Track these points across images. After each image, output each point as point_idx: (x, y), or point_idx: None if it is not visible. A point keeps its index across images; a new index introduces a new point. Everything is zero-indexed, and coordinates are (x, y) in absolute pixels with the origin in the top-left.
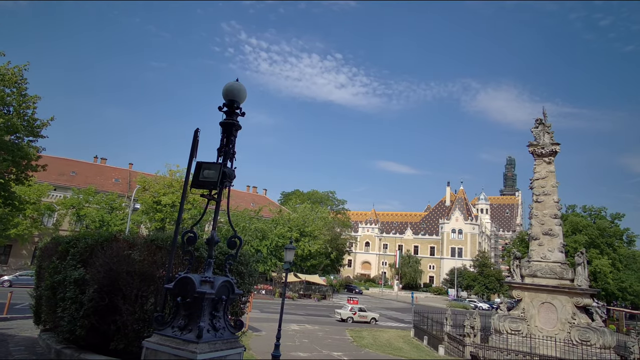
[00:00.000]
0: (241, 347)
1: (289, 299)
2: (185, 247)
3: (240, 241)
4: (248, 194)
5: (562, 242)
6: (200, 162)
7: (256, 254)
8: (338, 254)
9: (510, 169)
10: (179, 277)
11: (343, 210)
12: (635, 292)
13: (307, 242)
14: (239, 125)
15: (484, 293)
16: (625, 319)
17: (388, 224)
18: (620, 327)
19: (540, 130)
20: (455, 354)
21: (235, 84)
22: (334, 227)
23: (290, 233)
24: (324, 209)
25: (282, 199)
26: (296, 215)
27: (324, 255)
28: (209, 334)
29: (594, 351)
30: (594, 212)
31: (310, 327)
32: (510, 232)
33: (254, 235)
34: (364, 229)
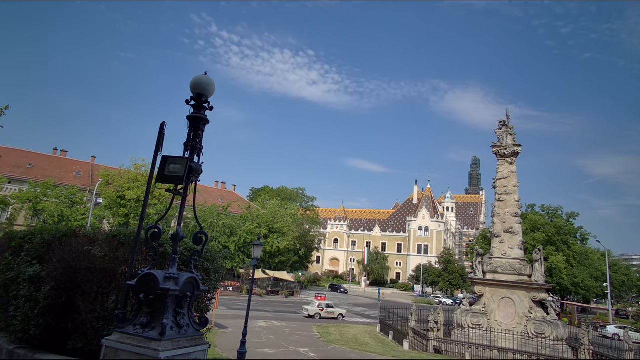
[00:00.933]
0: (206, 344)
1: (256, 296)
2: (149, 243)
3: (207, 237)
4: (216, 190)
5: (522, 239)
6: (165, 156)
7: (224, 250)
8: (307, 251)
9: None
10: (142, 274)
11: (312, 207)
12: (587, 287)
13: (276, 238)
14: (206, 120)
15: (448, 289)
16: (577, 312)
17: (357, 221)
18: (573, 320)
19: (504, 132)
20: (420, 348)
21: (204, 77)
22: (303, 224)
23: (259, 229)
24: (294, 206)
25: (252, 195)
26: (265, 212)
27: (292, 252)
28: (172, 332)
29: (548, 343)
30: (552, 211)
31: (278, 324)
32: (474, 230)
33: (222, 232)
34: (333, 226)
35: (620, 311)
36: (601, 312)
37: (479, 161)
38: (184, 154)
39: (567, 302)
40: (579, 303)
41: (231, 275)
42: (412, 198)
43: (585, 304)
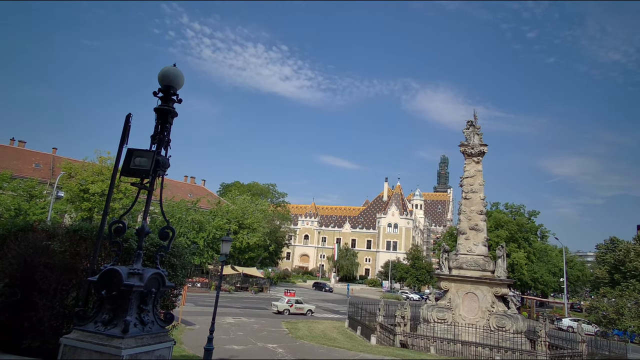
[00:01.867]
0: (171, 341)
1: (225, 292)
2: (112, 238)
3: (173, 232)
4: (185, 185)
5: (486, 236)
6: (131, 149)
7: (192, 246)
8: (277, 247)
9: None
10: (104, 269)
11: (283, 203)
12: (545, 282)
13: (246, 234)
14: (175, 112)
15: (415, 284)
16: (535, 306)
17: (327, 218)
18: (532, 313)
19: (471, 132)
20: (387, 342)
21: (172, 69)
22: (273, 220)
23: (228, 225)
24: (264, 202)
25: (222, 190)
26: (235, 207)
27: (262, 247)
28: (136, 329)
29: (509, 336)
30: (515, 209)
31: (246, 320)
32: (442, 227)
33: (190, 227)
34: (304, 222)
35: (575, 305)
36: (557, 306)
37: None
38: (151, 147)
39: (526, 297)
40: (537, 297)
41: (199, 272)
42: (382, 195)
43: (544, 298)
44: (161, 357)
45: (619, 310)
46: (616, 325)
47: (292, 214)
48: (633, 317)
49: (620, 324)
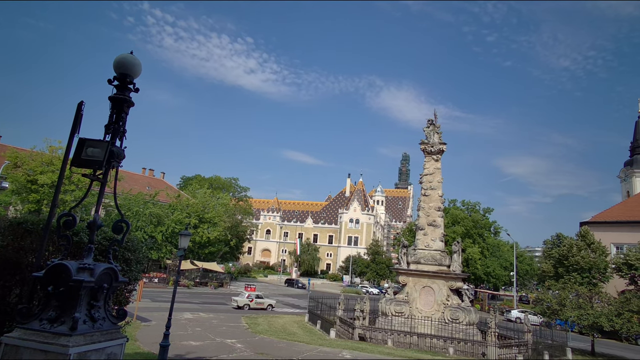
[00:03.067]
0: (123, 337)
1: (183, 287)
2: (61, 232)
3: (128, 226)
4: (144, 177)
5: (443, 232)
6: (83, 139)
7: (149, 240)
8: (238, 242)
9: (405, 164)
10: (51, 265)
11: (245, 198)
12: (497, 276)
13: (206, 228)
14: (131, 102)
15: (375, 279)
16: (488, 299)
17: (290, 213)
18: (484, 306)
19: (431, 130)
20: (346, 336)
21: (129, 56)
22: (235, 214)
23: (188, 219)
24: (226, 196)
25: (182, 183)
26: (196, 201)
27: (223, 242)
28: (85, 326)
29: (462, 327)
30: (471, 206)
31: (205, 315)
32: (402, 223)
33: (148, 221)
34: (266, 217)
35: (523, 297)
36: (507, 298)
37: (409, 157)
38: (105, 137)
39: (480, 290)
40: (489, 290)
41: (157, 267)
42: (345, 191)
43: (495, 291)
44: (112, 355)
45: (562, 302)
46: (559, 315)
47: (254, 208)
48: (573, 307)
49: (562, 314)
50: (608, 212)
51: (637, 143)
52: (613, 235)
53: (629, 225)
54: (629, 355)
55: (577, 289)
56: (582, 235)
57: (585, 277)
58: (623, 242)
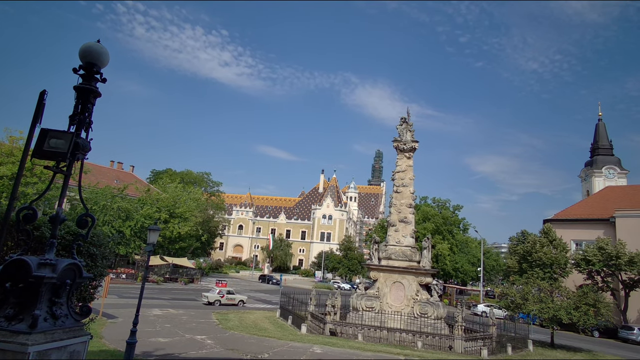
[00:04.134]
0: (87, 335)
1: (152, 283)
2: (20, 226)
3: (93, 220)
4: (112, 170)
5: (414, 228)
6: (45, 129)
7: (117, 235)
8: (210, 237)
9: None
10: (9, 260)
11: (218, 193)
12: (465, 272)
13: (177, 223)
14: (97, 92)
15: (347, 275)
16: (456, 294)
17: (263, 208)
18: (452, 301)
19: (404, 128)
20: (317, 331)
21: (96, 45)
22: (207, 209)
23: (158, 214)
24: (197, 190)
25: (152, 177)
26: (166, 195)
27: (194, 237)
28: (46, 323)
29: (430, 322)
30: (441, 203)
31: (174, 312)
32: (374, 219)
33: (116, 215)
34: (238, 212)
35: (489, 292)
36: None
37: (382, 154)
38: (69, 128)
39: (448, 285)
40: (458, 285)
41: (125, 262)
42: (318, 187)
43: (463, 286)
44: (75, 353)
45: (525, 296)
46: (522, 309)
47: (227, 203)
48: (535, 301)
49: (525, 308)
50: (569, 210)
51: (597, 145)
52: (573, 232)
53: (587, 223)
54: (584, 346)
55: (539, 284)
56: (545, 233)
57: (547, 272)
58: (582, 239)
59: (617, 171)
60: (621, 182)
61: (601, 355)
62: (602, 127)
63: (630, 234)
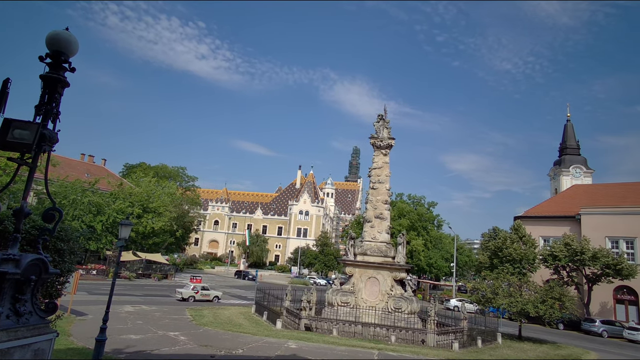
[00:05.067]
0: (52, 332)
1: (124, 279)
2: None
3: (60, 214)
4: (82, 163)
5: (390, 224)
6: (8, 119)
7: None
8: (184, 232)
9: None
10: None
11: (193, 188)
12: (439, 267)
13: (151, 218)
14: (65, 82)
15: (323, 270)
16: (429, 289)
17: (239, 203)
18: (425, 295)
19: (381, 125)
20: (292, 326)
21: (64, 32)
22: (182, 204)
23: (131, 209)
24: (172, 185)
25: (125, 171)
26: (140, 190)
27: (168, 233)
28: (8, 321)
29: (404, 316)
30: (416, 200)
31: (147, 308)
32: (351, 215)
33: (87, 210)
34: (214, 208)
35: (462, 287)
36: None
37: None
38: (35, 118)
39: (422, 280)
40: (431, 281)
41: (96, 258)
42: (295, 182)
43: (436, 281)
44: (40, 351)
45: (495, 291)
46: (492, 303)
47: (202, 198)
48: (505, 296)
49: (495, 302)
50: (538, 207)
51: (565, 145)
52: (541, 228)
53: (555, 220)
54: (550, 338)
55: (509, 279)
56: (515, 229)
57: (516, 268)
58: (550, 235)
59: (583, 170)
60: (587, 181)
61: (565, 347)
62: (570, 128)
63: (594, 231)
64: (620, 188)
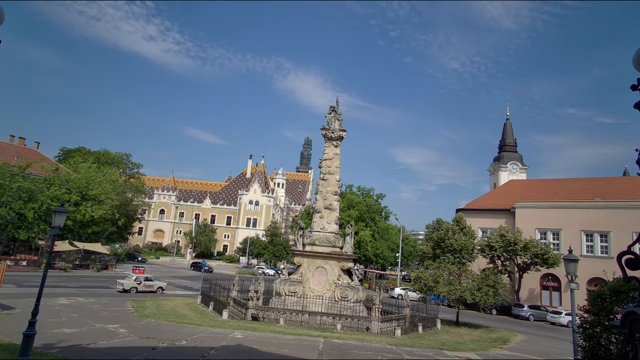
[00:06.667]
0: None
1: (59, 271)
2: None
3: None
4: (11, 146)
5: (339, 215)
6: None
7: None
8: (127, 221)
9: (307, 149)
10: None
11: (138, 175)
12: (385, 257)
13: (90, 206)
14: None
15: (272, 260)
16: (375, 278)
17: (187, 192)
18: (372, 285)
19: (333, 117)
20: (238, 317)
21: None
22: (125, 192)
23: (68, 195)
24: (115, 171)
25: (62, 155)
26: (78, 176)
27: (110, 221)
28: None
29: (350, 305)
30: (365, 191)
31: (84, 300)
32: (301, 206)
33: (16, 196)
34: (160, 196)
35: (406, 276)
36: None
37: (311, 142)
38: None
39: (369, 270)
40: (377, 270)
41: (27, 248)
42: (246, 172)
43: (382, 271)
44: None
45: (436, 279)
46: (433, 291)
47: (148, 186)
48: (445, 284)
49: (436, 290)
50: (478, 200)
51: (504, 142)
52: (480, 220)
53: (492, 212)
54: (484, 322)
55: (450, 268)
56: (457, 221)
57: (456, 257)
58: (488, 227)
59: (519, 167)
60: (522, 177)
61: (496, 330)
62: (509, 126)
63: (526, 223)
64: (551, 184)
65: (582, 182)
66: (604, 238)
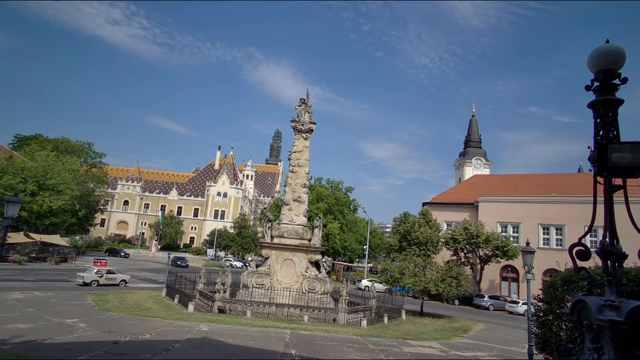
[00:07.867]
0: None
1: (13, 264)
2: None
3: None
4: None
5: (307, 208)
6: None
7: None
8: (89, 212)
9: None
10: None
11: (100, 164)
12: (353, 250)
13: (48, 197)
14: None
15: (240, 253)
16: (343, 270)
17: (152, 183)
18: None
19: (303, 109)
20: (205, 309)
21: None
22: (86, 182)
23: (24, 185)
24: (75, 160)
25: (17, 143)
26: (35, 164)
27: (69, 212)
28: None
29: (317, 297)
30: (334, 184)
31: (41, 294)
32: (270, 198)
33: None
34: (124, 187)
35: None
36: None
37: (281, 134)
38: None
39: (336, 262)
40: (345, 262)
41: None
42: (214, 163)
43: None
44: None
45: (402, 271)
46: (399, 283)
47: (111, 177)
48: (410, 275)
49: (402, 281)
50: (443, 194)
51: (469, 138)
52: (445, 214)
53: (457, 206)
54: (447, 312)
55: (415, 260)
56: (423, 214)
57: (422, 250)
58: (452, 220)
59: (483, 162)
60: (485, 172)
61: (458, 320)
62: (475, 123)
63: (488, 217)
64: (512, 179)
65: (541, 178)
66: (559, 231)
